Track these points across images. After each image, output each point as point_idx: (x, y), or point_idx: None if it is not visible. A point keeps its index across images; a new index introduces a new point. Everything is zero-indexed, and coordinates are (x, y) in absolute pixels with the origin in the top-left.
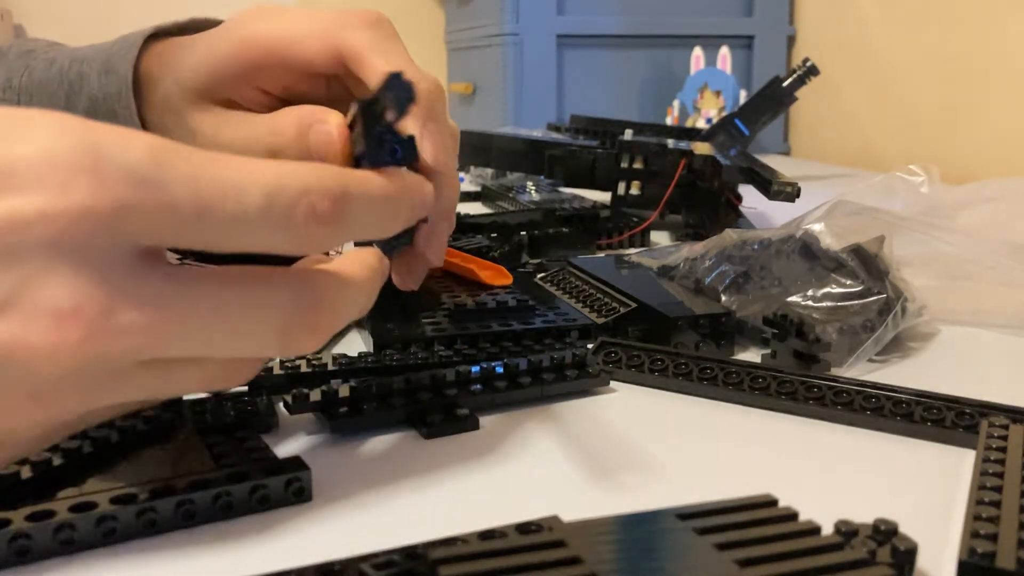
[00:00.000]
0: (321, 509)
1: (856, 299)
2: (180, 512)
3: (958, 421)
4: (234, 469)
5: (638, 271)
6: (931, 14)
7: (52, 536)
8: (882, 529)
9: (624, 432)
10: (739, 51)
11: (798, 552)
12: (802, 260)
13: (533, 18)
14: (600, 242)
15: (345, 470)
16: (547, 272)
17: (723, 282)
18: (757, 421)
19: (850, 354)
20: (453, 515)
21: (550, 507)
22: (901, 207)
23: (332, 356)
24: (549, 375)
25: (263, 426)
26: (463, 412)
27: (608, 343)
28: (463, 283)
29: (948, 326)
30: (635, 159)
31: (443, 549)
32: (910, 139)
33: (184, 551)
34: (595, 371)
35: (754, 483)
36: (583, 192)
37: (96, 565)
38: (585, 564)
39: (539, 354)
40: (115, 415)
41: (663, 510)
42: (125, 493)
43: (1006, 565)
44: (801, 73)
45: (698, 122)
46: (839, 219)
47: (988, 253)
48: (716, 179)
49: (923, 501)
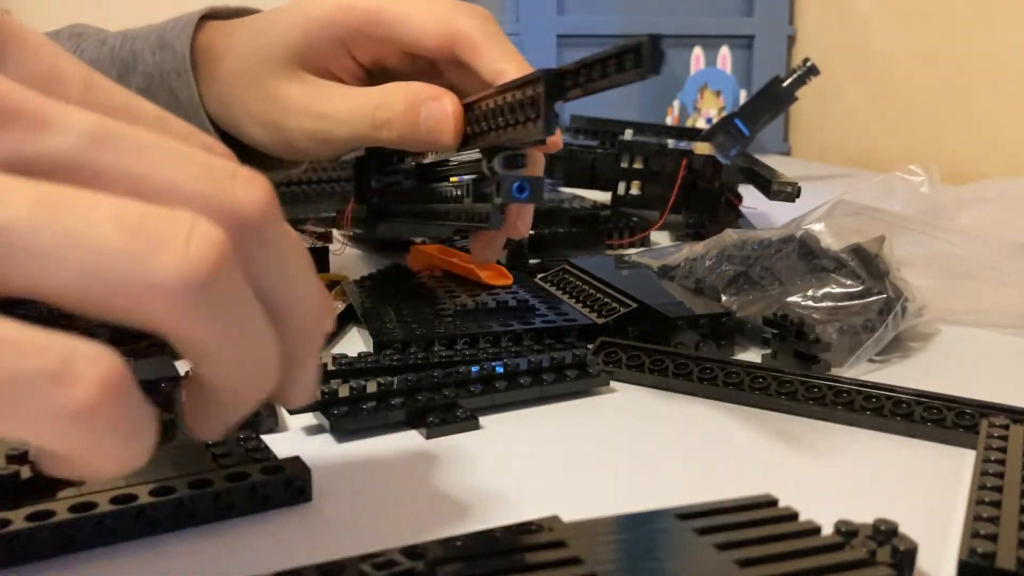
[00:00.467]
0: (321, 509)
1: (856, 299)
2: (180, 512)
3: (958, 421)
4: (234, 469)
5: (638, 271)
6: (931, 14)
7: (52, 536)
8: (882, 529)
9: (624, 432)
10: (739, 51)
11: (798, 552)
12: (802, 260)
13: (533, 18)
14: (610, 242)
15: (345, 470)
16: (547, 272)
17: (723, 282)
18: (757, 421)
19: (850, 354)
20: (453, 515)
21: (550, 507)
22: (901, 207)
23: (332, 356)
24: (549, 375)
25: (263, 426)
26: (463, 412)
27: (608, 343)
28: (463, 283)
29: (948, 326)
30: (635, 159)
31: (443, 549)
32: (910, 139)
33: (184, 551)
34: (595, 371)
35: (754, 483)
36: (583, 192)
37: (96, 565)
38: (585, 564)
39: (539, 354)
40: None
41: (663, 510)
42: (125, 493)
43: (1006, 565)
44: (801, 73)
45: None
46: (839, 219)
47: (988, 253)
48: (716, 179)
49: (923, 501)
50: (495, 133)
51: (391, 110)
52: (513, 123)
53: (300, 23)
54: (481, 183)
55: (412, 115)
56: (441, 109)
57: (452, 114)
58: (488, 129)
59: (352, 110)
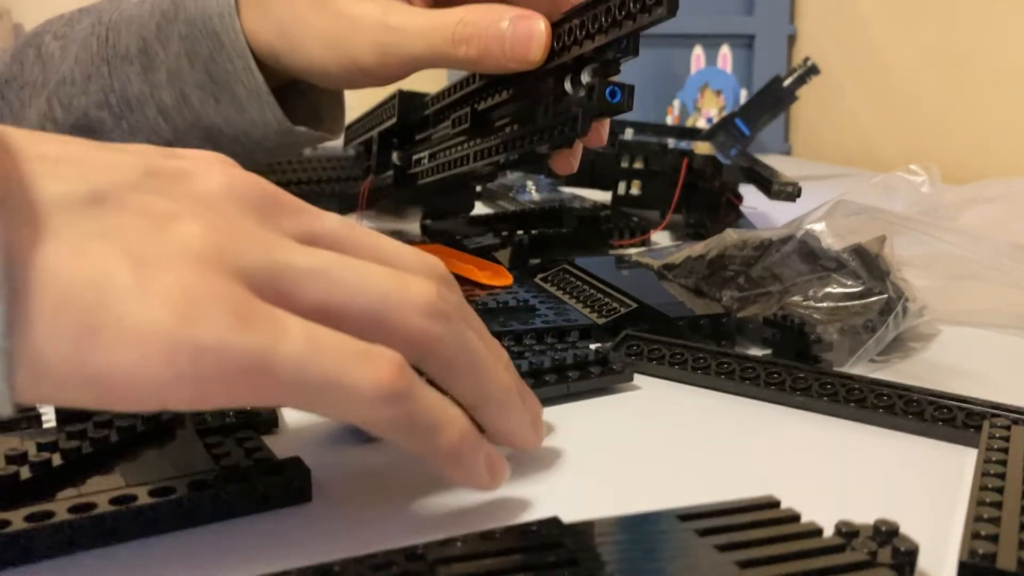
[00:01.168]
0: (321, 509)
1: (857, 299)
2: (180, 512)
3: (968, 421)
4: (234, 469)
5: (638, 271)
6: (931, 14)
7: (52, 536)
8: (883, 530)
9: (627, 430)
10: (739, 50)
11: (799, 554)
12: (803, 260)
13: None
14: (613, 243)
15: (345, 470)
16: (547, 272)
17: (723, 282)
18: (769, 417)
19: (851, 354)
20: (453, 515)
21: (550, 508)
22: (902, 207)
23: None
24: (574, 373)
25: (263, 427)
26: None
27: (632, 336)
28: (463, 283)
29: (949, 326)
30: (635, 159)
31: (442, 549)
32: (910, 139)
33: (183, 551)
34: (619, 367)
35: (756, 481)
36: (583, 192)
37: (96, 565)
38: (585, 565)
39: (562, 352)
40: None
41: (664, 511)
42: (125, 493)
43: (1007, 566)
44: (802, 72)
45: (698, 121)
46: (840, 219)
47: (989, 253)
48: (716, 179)
49: (924, 500)
50: (588, 42)
51: (475, 26)
52: (628, 15)
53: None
54: (560, 103)
55: (496, 30)
56: (532, 25)
57: (544, 31)
58: (577, 42)
59: (431, 24)
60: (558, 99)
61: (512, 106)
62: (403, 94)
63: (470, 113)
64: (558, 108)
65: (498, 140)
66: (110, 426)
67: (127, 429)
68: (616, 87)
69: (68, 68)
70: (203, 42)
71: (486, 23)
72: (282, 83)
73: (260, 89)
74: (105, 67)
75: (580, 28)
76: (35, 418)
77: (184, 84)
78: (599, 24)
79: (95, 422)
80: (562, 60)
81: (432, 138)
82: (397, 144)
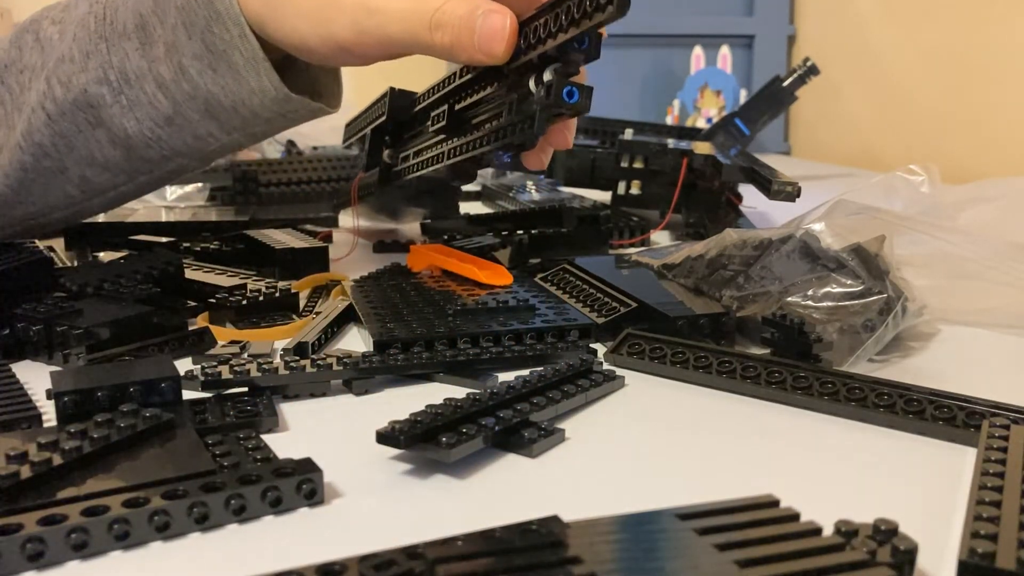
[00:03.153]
0: (321, 509)
1: (856, 299)
2: (193, 515)
3: (969, 420)
4: (246, 471)
5: (638, 271)
6: (931, 14)
7: (64, 540)
8: (882, 529)
9: (628, 430)
10: (739, 51)
11: (798, 553)
12: (802, 260)
13: None
14: (613, 243)
15: (345, 471)
16: (547, 272)
17: (723, 282)
18: (769, 416)
19: (850, 354)
20: (453, 515)
21: (550, 507)
22: (901, 207)
23: (336, 357)
24: (569, 387)
25: (263, 426)
26: (547, 425)
27: (633, 335)
28: (463, 283)
29: (948, 326)
30: (635, 159)
31: (443, 549)
32: (910, 139)
33: (187, 553)
34: (610, 375)
35: (756, 480)
36: (583, 191)
37: (106, 568)
38: (585, 564)
39: (556, 369)
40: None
41: (664, 510)
42: (137, 496)
43: (1006, 565)
44: (801, 73)
45: (698, 121)
46: (839, 219)
47: (989, 253)
48: (716, 179)
49: (924, 500)
50: (550, 40)
51: (451, 14)
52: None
53: None
54: (524, 102)
55: (470, 21)
56: (498, 20)
57: (508, 26)
58: (541, 40)
59: (412, 8)
60: (523, 98)
61: (486, 105)
62: (394, 92)
63: (447, 111)
64: (522, 107)
65: (469, 138)
66: (111, 425)
67: (127, 429)
68: (574, 87)
69: (67, 47)
70: (199, 12)
71: (463, 12)
72: (279, 57)
73: (256, 55)
74: (103, 44)
75: (544, 27)
76: (35, 418)
77: (182, 56)
78: (559, 23)
79: (96, 421)
80: (528, 58)
81: (419, 136)
82: (389, 141)
